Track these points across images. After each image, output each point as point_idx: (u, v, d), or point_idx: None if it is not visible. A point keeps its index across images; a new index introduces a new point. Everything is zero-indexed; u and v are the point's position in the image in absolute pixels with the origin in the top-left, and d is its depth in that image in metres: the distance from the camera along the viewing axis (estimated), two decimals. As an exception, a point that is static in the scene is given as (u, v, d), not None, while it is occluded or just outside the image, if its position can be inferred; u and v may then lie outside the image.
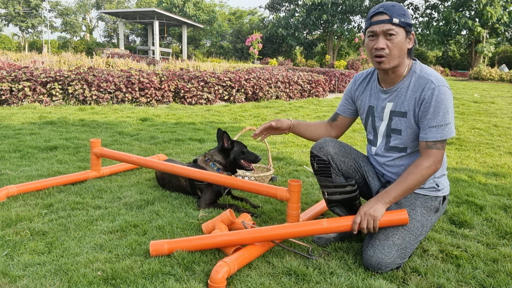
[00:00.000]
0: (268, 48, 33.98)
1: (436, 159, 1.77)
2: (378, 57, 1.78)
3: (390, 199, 1.78)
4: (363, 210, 1.77)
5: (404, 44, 1.77)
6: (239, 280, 1.67)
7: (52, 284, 1.60)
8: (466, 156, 4.12)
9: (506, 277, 1.74)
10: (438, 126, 1.74)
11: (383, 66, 1.79)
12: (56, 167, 3.23)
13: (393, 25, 1.72)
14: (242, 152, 2.64)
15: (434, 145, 1.76)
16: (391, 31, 1.73)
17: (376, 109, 1.96)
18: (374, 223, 1.75)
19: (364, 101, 2.03)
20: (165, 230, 2.12)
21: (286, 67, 18.91)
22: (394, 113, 1.88)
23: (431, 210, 1.91)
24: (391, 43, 1.75)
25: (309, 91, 10.01)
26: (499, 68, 23.25)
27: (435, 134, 1.75)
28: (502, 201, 2.74)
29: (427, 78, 1.78)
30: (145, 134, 4.74)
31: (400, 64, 1.82)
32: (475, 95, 11.43)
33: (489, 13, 24.65)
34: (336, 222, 1.83)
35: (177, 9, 35.73)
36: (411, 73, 1.84)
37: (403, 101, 1.85)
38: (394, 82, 1.88)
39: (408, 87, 1.83)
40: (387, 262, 1.74)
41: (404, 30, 1.75)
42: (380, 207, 1.77)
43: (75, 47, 31.46)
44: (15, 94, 6.48)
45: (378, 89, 1.96)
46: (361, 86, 2.06)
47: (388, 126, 1.92)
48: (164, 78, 7.72)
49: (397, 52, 1.76)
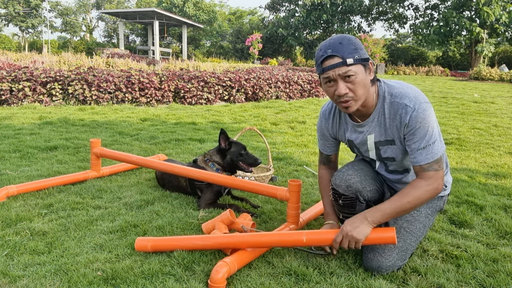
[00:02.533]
0: (268, 48, 33.96)
1: (435, 180, 1.64)
2: (343, 102, 1.64)
3: (379, 219, 1.64)
4: (346, 229, 1.63)
5: (366, 79, 1.63)
6: (239, 280, 1.67)
7: (52, 284, 1.60)
8: (466, 156, 4.12)
9: (506, 277, 1.74)
10: (427, 146, 1.63)
11: (351, 110, 1.67)
12: (56, 167, 3.23)
13: (348, 66, 1.57)
14: (239, 154, 2.61)
15: (430, 167, 1.65)
16: (349, 73, 1.58)
17: (358, 143, 1.85)
18: (356, 245, 1.63)
19: (343, 136, 1.91)
20: (165, 230, 2.12)
21: (286, 67, 18.92)
22: (379, 143, 1.78)
23: (436, 210, 1.90)
24: (352, 85, 1.60)
25: (309, 91, 10.01)
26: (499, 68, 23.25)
27: (426, 156, 1.64)
28: (502, 201, 2.74)
29: (400, 103, 1.66)
30: (145, 134, 4.74)
31: (367, 97, 1.68)
32: (475, 95, 11.43)
33: (485, 13, 24.64)
34: (316, 236, 1.72)
35: (177, 9, 35.72)
36: (381, 99, 1.71)
37: (385, 130, 1.73)
38: (367, 115, 1.76)
39: (385, 115, 1.71)
40: (388, 265, 1.73)
41: (361, 65, 1.60)
42: (364, 228, 1.62)
43: (75, 47, 31.45)
44: (15, 94, 6.48)
45: (352, 124, 1.83)
46: (334, 122, 1.91)
47: (378, 155, 1.83)
48: (164, 78, 7.72)
49: (362, 91, 1.62)
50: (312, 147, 4.32)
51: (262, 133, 3.28)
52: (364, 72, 1.62)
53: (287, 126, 5.70)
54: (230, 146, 2.64)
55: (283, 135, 4.97)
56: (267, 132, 5.16)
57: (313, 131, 5.34)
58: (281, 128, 5.53)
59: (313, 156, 3.95)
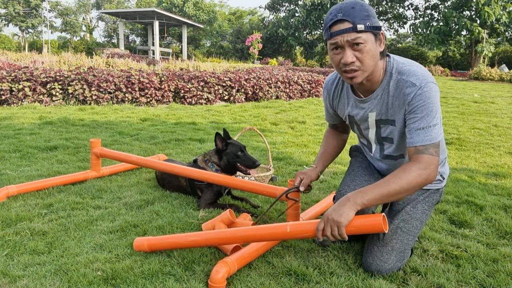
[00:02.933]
0: (268, 48, 33.98)
1: (429, 166, 1.51)
2: (348, 72, 1.54)
3: (363, 201, 1.48)
4: (327, 213, 1.49)
5: (375, 50, 1.53)
6: (239, 280, 1.67)
7: (52, 284, 1.60)
8: (466, 156, 4.12)
9: (506, 277, 1.74)
10: (426, 127, 1.53)
11: (356, 81, 1.57)
12: (56, 167, 3.23)
13: (358, 33, 1.46)
14: (236, 156, 2.54)
15: (426, 149, 1.53)
16: (358, 40, 1.47)
17: (358, 119, 1.78)
18: (338, 231, 1.46)
19: (343, 110, 1.83)
20: (165, 230, 2.12)
21: (286, 67, 18.93)
22: (380, 121, 1.71)
23: (433, 204, 1.86)
24: (360, 53, 1.50)
25: (309, 91, 10.01)
26: (499, 68, 23.25)
27: (423, 137, 1.53)
28: (502, 201, 2.74)
29: (406, 80, 1.57)
30: (145, 134, 4.74)
31: (374, 71, 1.59)
32: (475, 95, 11.43)
33: (486, 13, 24.64)
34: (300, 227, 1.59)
35: (177, 9, 35.73)
36: (388, 76, 1.62)
37: (387, 109, 1.66)
38: (371, 90, 1.67)
39: (389, 93, 1.63)
40: (387, 269, 1.72)
41: (372, 34, 1.50)
42: (347, 210, 1.46)
43: (75, 47, 31.46)
44: (15, 94, 6.48)
45: (354, 99, 1.75)
46: (334, 93, 1.84)
47: (378, 134, 1.75)
48: (164, 78, 7.72)
49: (370, 61, 1.52)
50: (312, 147, 4.32)
51: (262, 133, 3.29)
52: (374, 42, 1.52)
53: (287, 126, 5.70)
54: (227, 146, 2.59)
55: (283, 135, 4.97)
56: (267, 132, 5.16)
57: (313, 131, 5.35)
58: (281, 128, 5.53)
59: (313, 156, 3.95)
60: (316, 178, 1.89)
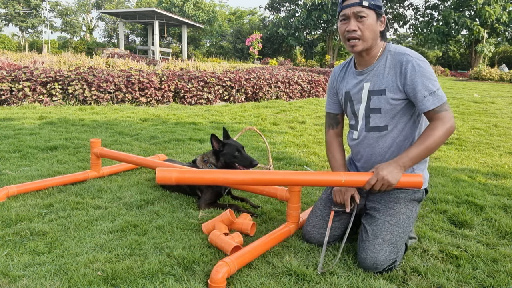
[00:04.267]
0: (268, 48, 33.97)
1: (449, 119, 1.76)
2: (351, 39, 1.83)
3: (410, 162, 1.77)
4: (381, 174, 1.74)
5: (375, 26, 1.82)
6: (239, 280, 1.67)
7: (52, 284, 1.60)
8: (466, 156, 4.12)
9: (506, 277, 1.74)
10: (431, 93, 1.75)
11: (356, 49, 1.83)
12: (56, 167, 3.23)
13: (363, 7, 1.78)
14: (233, 156, 2.54)
15: (441, 108, 1.76)
16: (362, 13, 1.78)
17: (353, 94, 1.97)
18: (388, 188, 1.76)
19: (342, 89, 2.05)
20: (165, 230, 2.12)
21: (286, 67, 18.92)
22: (372, 92, 1.90)
23: (415, 200, 1.94)
24: (362, 25, 1.79)
25: (309, 91, 10.01)
26: (499, 68, 23.25)
27: (433, 101, 1.75)
28: (502, 201, 2.74)
29: (402, 53, 1.83)
30: (145, 134, 4.74)
31: (373, 46, 1.86)
32: (475, 95, 11.43)
33: (487, 12, 24.65)
34: (353, 177, 1.80)
35: (177, 9, 35.73)
36: (386, 52, 1.88)
37: (381, 79, 1.87)
38: (369, 63, 1.91)
39: (385, 65, 1.86)
40: (381, 259, 1.75)
41: (374, 13, 1.80)
42: (397, 173, 1.75)
43: (75, 47, 31.47)
44: (15, 94, 6.48)
45: (354, 72, 1.98)
46: (339, 77, 2.08)
47: (367, 106, 1.93)
48: (164, 78, 7.72)
49: (369, 34, 1.81)
50: (312, 147, 4.32)
51: (262, 133, 3.28)
52: (375, 19, 1.81)
53: (287, 126, 5.70)
54: (223, 147, 2.59)
55: (283, 135, 4.97)
56: (267, 132, 5.16)
57: (313, 131, 5.35)
58: (281, 128, 5.53)
59: (313, 156, 3.95)
60: (353, 190, 2.01)
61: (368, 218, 1.90)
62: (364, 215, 1.96)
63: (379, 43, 1.88)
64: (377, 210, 1.89)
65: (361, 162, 2.03)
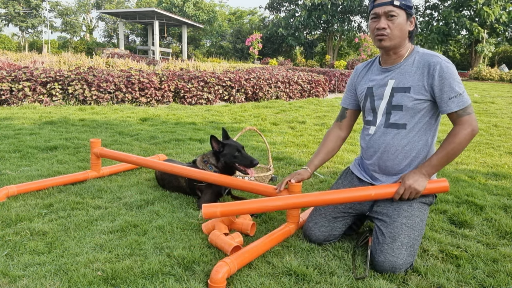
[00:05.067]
0: (268, 48, 33.98)
1: (471, 123, 1.80)
2: (379, 35, 1.86)
3: (433, 170, 1.84)
4: (408, 183, 1.83)
5: (405, 25, 1.85)
6: (239, 280, 1.67)
7: (52, 284, 1.60)
8: (466, 156, 4.12)
9: (506, 277, 1.74)
10: (457, 95, 1.79)
11: (384, 44, 1.87)
12: (56, 167, 3.23)
13: (394, 6, 1.81)
14: (233, 156, 2.52)
15: (464, 112, 1.80)
16: (392, 12, 1.82)
17: (375, 89, 1.99)
18: (415, 195, 1.84)
19: (363, 86, 2.07)
20: (165, 230, 2.12)
21: (286, 67, 18.92)
22: (396, 89, 1.92)
23: (426, 204, 1.94)
24: (392, 23, 1.83)
25: (309, 91, 10.01)
26: (499, 68, 23.25)
27: (458, 104, 1.79)
28: (502, 201, 2.74)
29: (431, 54, 1.86)
30: (145, 134, 4.74)
31: (401, 45, 1.89)
32: (475, 95, 11.43)
33: (485, 12, 24.64)
34: (382, 189, 1.88)
35: (177, 9, 35.73)
36: (414, 53, 1.91)
37: (407, 78, 1.89)
38: (396, 62, 1.94)
39: (413, 64, 1.89)
40: (400, 264, 1.74)
41: (405, 12, 1.84)
42: (423, 180, 1.83)
43: (75, 47, 31.47)
44: (15, 94, 6.49)
45: (379, 69, 2.01)
46: (362, 74, 2.11)
47: (389, 103, 1.95)
48: (164, 78, 7.72)
49: (398, 33, 1.84)
50: (312, 147, 4.32)
51: (262, 133, 3.28)
52: (405, 19, 1.85)
53: (287, 126, 5.70)
54: (223, 148, 2.57)
55: (283, 135, 4.97)
56: (267, 132, 5.16)
57: (313, 131, 5.35)
58: (281, 128, 5.54)
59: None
60: (308, 178, 2.15)
61: (382, 221, 1.88)
62: (375, 218, 1.94)
63: (407, 44, 1.91)
64: (389, 214, 1.87)
65: (373, 159, 2.00)
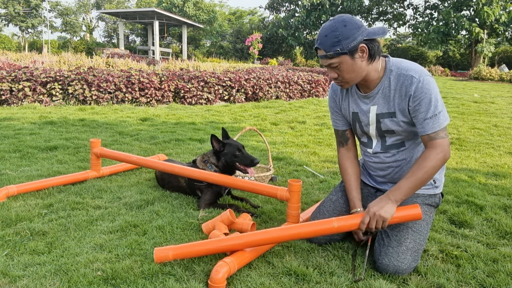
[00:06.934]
0: (268, 48, 33.95)
1: (443, 148, 1.72)
2: (337, 83, 1.82)
3: (402, 196, 1.73)
4: (373, 210, 1.71)
5: (354, 64, 1.72)
6: (239, 280, 1.67)
7: (52, 284, 1.60)
8: (466, 156, 4.12)
9: (506, 277, 1.74)
10: (433, 116, 1.71)
11: (346, 87, 1.83)
12: (56, 167, 3.23)
13: (330, 58, 1.70)
14: (234, 156, 2.52)
15: (437, 135, 1.72)
16: (332, 65, 1.72)
17: (361, 115, 1.92)
18: (383, 224, 1.70)
19: (347, 109, 1.98)
20: (165, 230, 2.12)
21: (286, 67, 18.91)
22: (380, 115, 1.85)
23: (432, 206, 1.93)
24: (339, 71, 1.74)
25: (309, 91, 10.01)
26: (499, 68, 23.25)
27: (433, 125, 1.71)
28: (502, 201, 2.74)
29: (406, 74, 1.74)
30: (145, 134, 4.74)
31: (367, 74, 1.78)
32: (475, 95, 11.43)
33: (485, 13, 24.63)
34: (346, 221, 1.76)
35: (177, 9, 35.72)
36: (388, 72, 1.79)
37: (388, 102, 1.81)
38: (372, 87, 1.84)
39: (390, 87, 1.79)
40: (404, 269, 1.73)
41: (346, 55, 1.69)
42: (390, 206, 1.71)
43: (75, 47, 31.45)
44: (15, 94, 6.48)
45: (358, 95, 1.91)
46: (341, 94, 2.00)
47: (378, 128, 1.88)
48: (164, 78, 7.71)
49: (351, 74, 1.74)
50: (312, 147, 4.32)
51: (262, 133, 3.29)
52: (351, 59, 1.71)
53: (287, 126, 5.70)
54: (224, 147, 2.58)
55: (283, 135, 4.97)
56: (267, 132, 5.16)
57: (313, 131, 5.35)
58: (281, 128, 5.53)
59: (313, 156, 3.95)
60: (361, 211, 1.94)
61: None
62: None
63: (374, 66, 1.77)
64: None
65: (379, 173, 2.02)
